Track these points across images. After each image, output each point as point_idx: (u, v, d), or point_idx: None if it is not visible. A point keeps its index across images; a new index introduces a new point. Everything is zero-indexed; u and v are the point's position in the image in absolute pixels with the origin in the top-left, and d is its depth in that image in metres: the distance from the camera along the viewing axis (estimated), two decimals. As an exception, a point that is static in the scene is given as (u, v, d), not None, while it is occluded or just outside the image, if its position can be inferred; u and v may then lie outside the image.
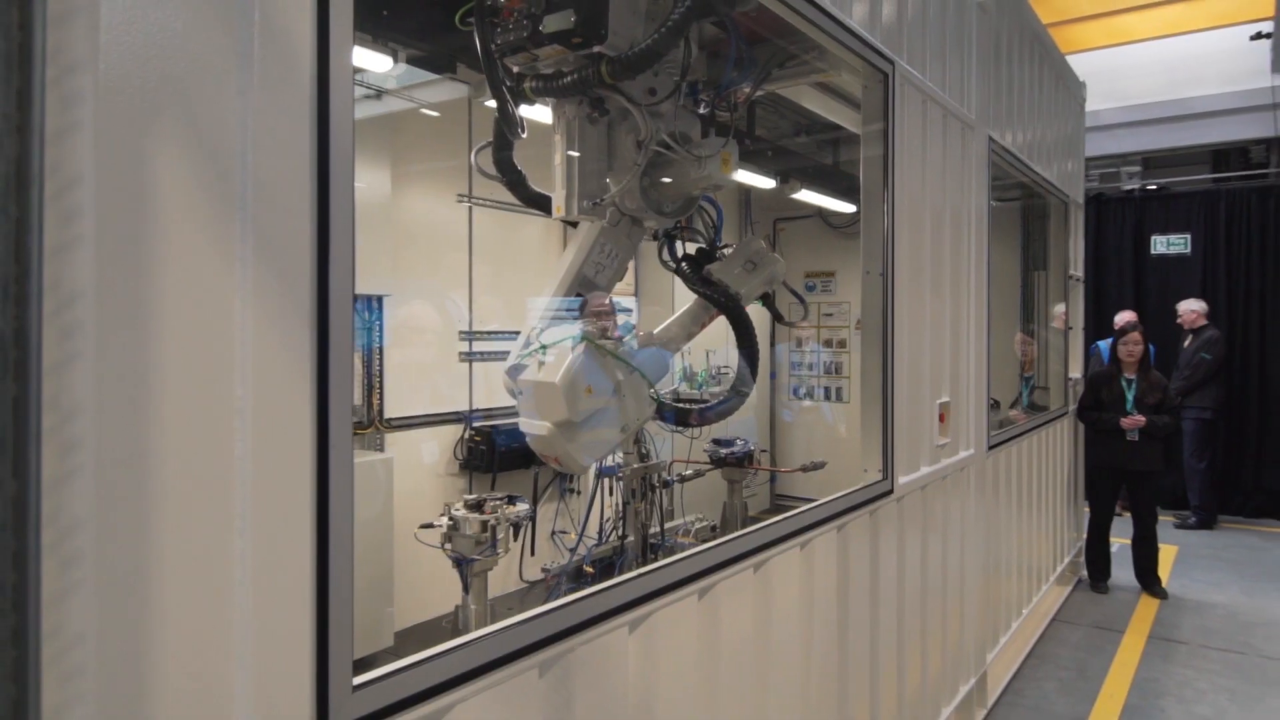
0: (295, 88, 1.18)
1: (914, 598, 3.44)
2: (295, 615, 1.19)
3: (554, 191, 2.16)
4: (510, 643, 1.55)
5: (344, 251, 1.24)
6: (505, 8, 1.86)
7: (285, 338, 1.17)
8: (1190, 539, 7.53)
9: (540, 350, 2.03)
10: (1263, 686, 4.45)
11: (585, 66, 1.91)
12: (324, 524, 1.21)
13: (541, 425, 1.97)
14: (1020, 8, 4.92)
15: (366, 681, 1.28)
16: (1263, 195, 8.48)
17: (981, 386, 4.18)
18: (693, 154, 2.17)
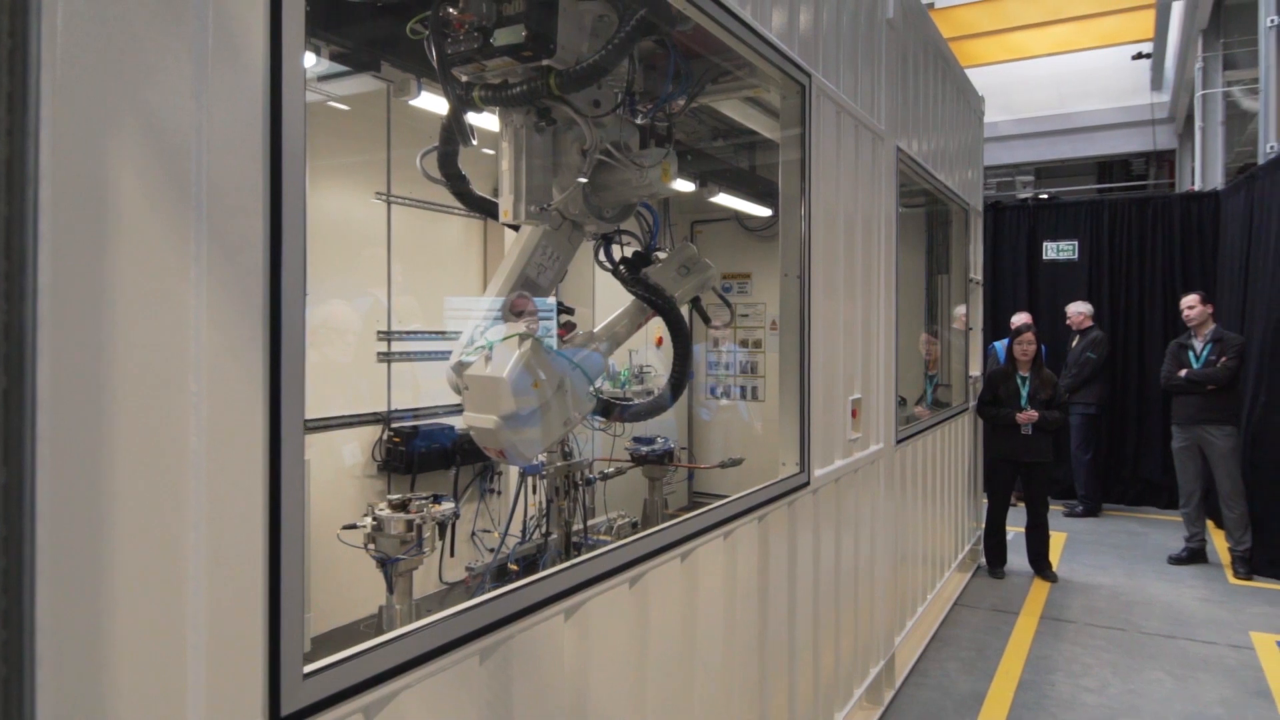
0: (248, 90, 1.21)
1: (828, 585, 3.61)
2: (248, 605, 1.21)
3: (500, 196, 2.21)
4: (452, 631, 1.60)
5: (296, 250, 1.27)
6: (456, 20, 1.91)
7: (239, 334, 1.20)
8: (1078, 526, 8.04)
9: (486, 347, 2.08)
10: (1141, 659, 4.82)
11: (534, 78, 1.97)
12: (276, 516, 1.24)
13: (488, 419, 2.02)
14: (925, 24, 5.19)
15: (317, 669, 1.32)
16: (1141, 205, 9.10)
17: (890, 384, 4.40)
18: (636, 163, 2.26)
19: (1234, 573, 6.45)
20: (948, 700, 4.33)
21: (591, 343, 2.40)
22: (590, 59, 1.91)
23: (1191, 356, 6.66)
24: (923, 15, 5.14)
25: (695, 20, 2.31)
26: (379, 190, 5.19)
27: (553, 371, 2.07)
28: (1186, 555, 6.78)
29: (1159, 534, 7.63)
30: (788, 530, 3.19)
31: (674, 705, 2.43)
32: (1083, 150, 15.97)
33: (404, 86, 4.02)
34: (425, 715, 1.56)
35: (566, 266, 2.39)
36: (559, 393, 2.09)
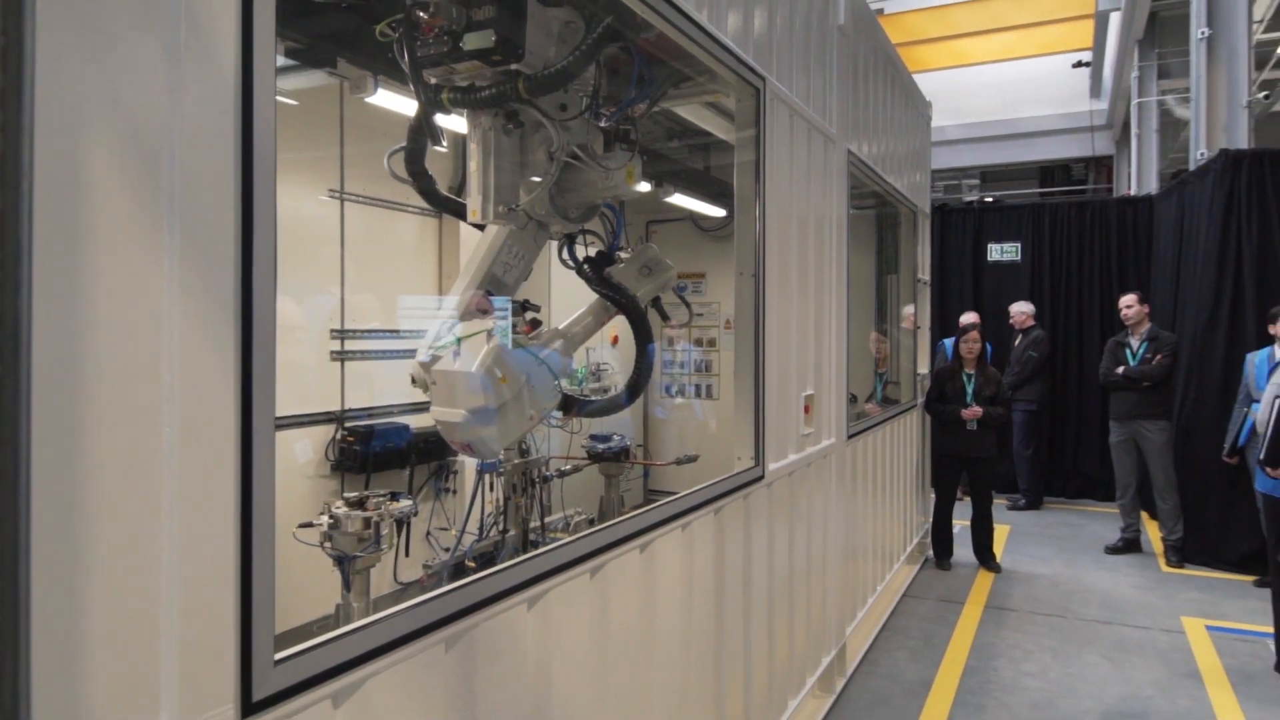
0: (220, 86, 1.23)
1: (782, 576, 3.70)
2: (220, 592, 1.24)
3: (468, 196, 2.24)
4: (419, 619, 1.64)
5: (267, 243, 1.29)
6: (426, 24, 1.94)
7: (211, 326, 1.22)
8: (1020, 519, 8.30)
9: (455, 342, 2.11)
10: (1079, 644, 5.02)
11: (502, 82, 2.01)
12: (247, 505, 1.27)
13: (456, 413, 2.06)
14: (875, 31, 5.32)
15: (287, 656, 1.34)
16: (1080, 209, 9.42)
17: (841, 381, 4.51)
18: (602, 165, 2.31)
19: (1166, 561, 6.72)
20: (897, 687, 4.45)
21: (556, 340, 2.44)
22: (558, 65, 1.96)
23: (1129, 354, 6.92)
24: (872, 22, 5.28)
25: (655, 25, 2.37)
26: (332, 188, 5.15)
27: (519, 367, 2.11)
28: (1122, 545, 7.05)
29: (1097, 525, 7.91)
30: (743, 523, 3.26)
31: (634, 693, 2.48)
32: (1026, 155, 16.44)
33: (360, 83, 4.01)
34: (392, 702, 1.59)
35: (532, 265, 2.44)
36: (525, 388, 2.14)
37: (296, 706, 1.36)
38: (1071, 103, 16.00)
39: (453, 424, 2.08)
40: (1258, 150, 6.76)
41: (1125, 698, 4.30)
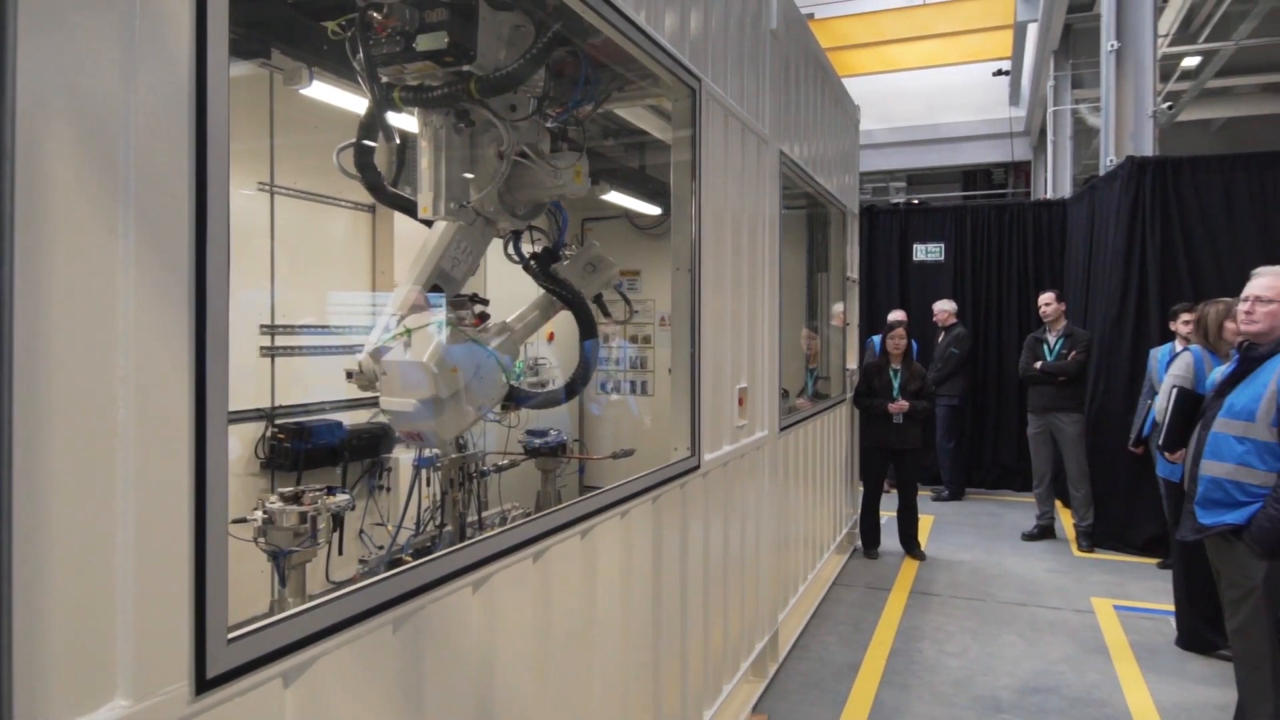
0: (174, 75, 1.25)
1: (717, 564, 3.80)
2: (174, 571, 1.26)
3: (419, 193, 2.28)
4: (367, 600, 1.67)
5: (220, 229, 1.32)
6: (379, 24, 1.97)
7: (165, 310, 1.24)
8: (944, 509, 8.62)
9: (405, 334, 2.14)
10: (997, 626, 5.27)
11: (454, 82, 2.05)
12: (201, 485, 1.29)
13: (407, 402, 2.09)
14: (806, 35, 5.48)
15: (240, 635, 1.37)
16: (1000, 211, 9.82)
17: (774, 375, 4.65)
18: (551, 164, 2.38)
19: (1078, 546, 7.09)
20: (826, 670, 4.61)
21: (504, 333, 2.49)
22: (509, 67, 2.02)
23: (1046, 349, 7.26)
24: (803, 26, 5.43)
25: (596, 26, 2.44)
26: (262, 180, 5.06)
27: (469, 359, 2.15)
28: (1038, 532, 7.40)
29: (1014, 514, 8.27)
30: (680, 511, 3.36)
31: (575, 676, 2.55)
32: (949, 159, 17.01)
33: (295, 75, 3.97)
34: (341, 682, 1.62)
35: (479, 260, 2.48)
36: (475, 379, 2.18)
37: (248, 684, 1.39)
38: (992, 109, 16.62)
39: (403, 413, 2.11)
40: (1161, 158, 7.17)
41: (1039, 673, 4.55)
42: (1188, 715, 4.05)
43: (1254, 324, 3.22)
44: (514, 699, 2.23)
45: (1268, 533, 3.01)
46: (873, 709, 4.15)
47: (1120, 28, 8.32)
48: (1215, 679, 4.39)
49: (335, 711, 1.61)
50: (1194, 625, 4.81)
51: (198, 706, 1.29)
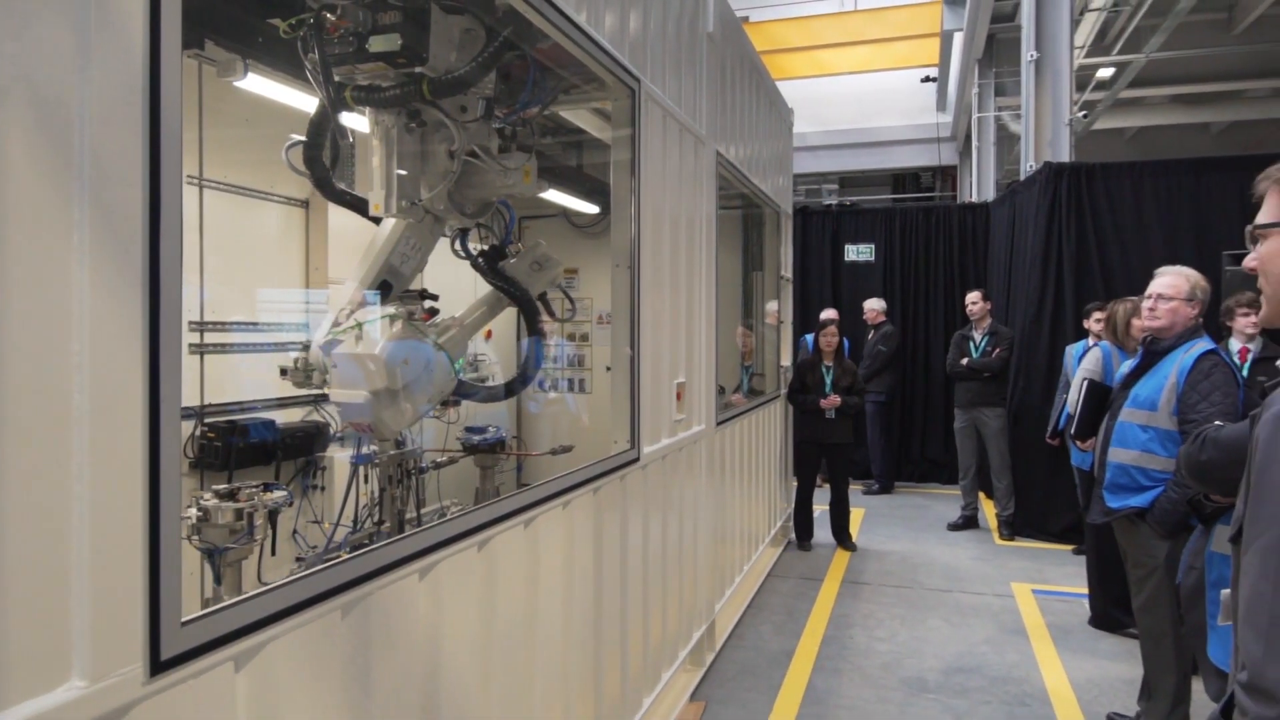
0: (128, 64, 1.27)
1: (656, 555, 3.89)
2: (129, 554, 1.28)
3: (370, 191, 2.30)
4: (316, 586, 1.70)
5: (174, 217, 1.34)
6: (331, 25, 1.99)
7: (120, 298, 1.26)
8: (874, 502, 8.89)
9: (356, 327, 2.17)
10: (924, 611, 5.49)
11: (406, 83, 2.09)
12: (155, 468, 1.31)
13: (359, 394, 2.12)
14: (742, 39, 5.61)
15: (194, 618, 1.39)
16: (927, 213, 10.16)
17: (711, 370, 4.76)
18: (502, 164, 2.43)
19: (1000, 535, 7.40)
20: (761, 658, 4.75)
21: (453, 328, 2.53)
22: (462, 70, 2.06)
23: (972, 347, 7.56)
24: (739, 30, 5.56)
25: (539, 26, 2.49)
26: (190, 174, 4.96)
27: (420, 352, 2.19)
28: (962, 522, 7.70)
29: (941, 506, 8.57)
30: (620, 503, 3.43)
31: (518, 662, 2.60)
32: (880, 162, 17.47)
33: (229, 67, 3.91)
34: (290, 666, 1.65)
35: (428, 257, 2.52)
36: (425, 372, 2.22)
37: (201, 667, 1.41)
38: (920, 115, 17.14)
39: (353, 405, 2.14)
40: (1076, 164, 7.53)
41: (963, 654, 4.76)
42: (1098, 690, 4.30)
43: (1156, 320, 3.44)
44: (459, 684, 2.27)
45: (1168, 514, 3.23)
46: (806, 693, 4.29)
47: (1039, 39, 8.69)
48: (1124, 655, 4.66)
49: (285, 695, 1.63)
50: (1105, 606, 5.09)
51: (152, 688, 1.31)
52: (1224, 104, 15.06)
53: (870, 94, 17.26)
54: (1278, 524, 1.14)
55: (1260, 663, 1.12)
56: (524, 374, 2.99)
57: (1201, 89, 14.04)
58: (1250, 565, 1.18)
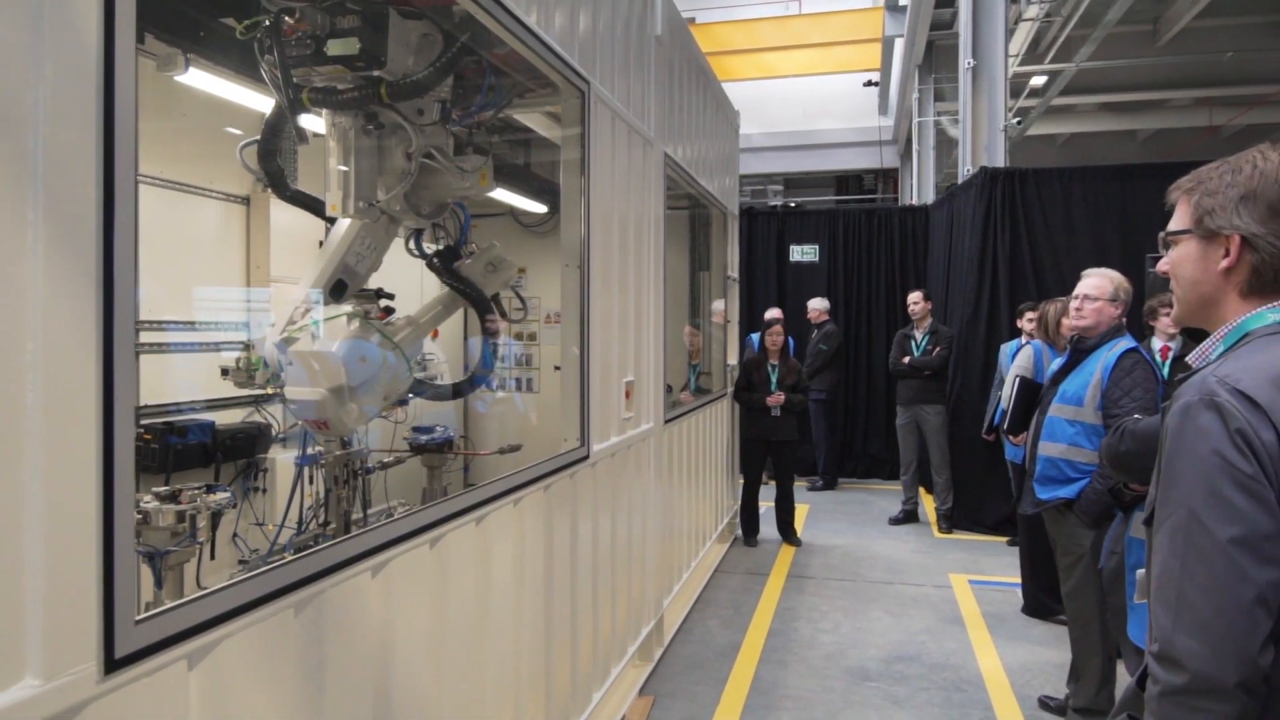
0: (83, 63, 1.28)
1: (606, 551, 3.94)
2: (83, 552, 1.28)
3: (327, 191, 2.30)
4: (269, 584, 1.71)
5: (128, 217, 1.35)
6: (289, 28, 1.99)
7: (74, 297, 1.27)
8: (818, 498, 9.06)
9: (313, 325, 2.17)
10: (866, 603, 5.64)
11: (363, 86, 2.10)
12: (109, 468, 1.32)
13: (315, 391, 2.12)
14: (689, 42, 5.68)
15: (148, 616, 1.40)
16: (869, 215, 10.39)
17: (659, 369, 4.82)
18: (459, 167, 2.45)
19: (939, 528, 7.62)
20: (709, 652, 4.83)
21: (409, 327, 2.54)
22: (420, 74, 2.08)
23: (913, 345, 7.76)
24: (686, 33, 5.64)
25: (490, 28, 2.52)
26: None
27: (378, 350, 2.20)
28: (903, 516, 7.91)
29: (883, 501, 8.78)
30: (570, 499, 3.47)
31: (470, 658, 2.62)
32: (823, 164, 17.78)
33: (170, 61, 3.84)
34: (243, 664, 1.66)
35: (383, 256, 2.52)
36: (383, 370, 2.23)
37: (154, 665, 1.42)
38: (863, 118, 17.49)
39: (311, 402, 2.14)
40: (1011, 169, 7.80)
41: (903, 643, 4.91)
42: (1030, 674, 4.49)
43: (1083, 319, 3.61)
44: (412, 681, 2.29)
45: (1094, 504, 3.40)
46: (752, 685, 4.39)
47: (976, 47, 8.96)
48: (1054, 641, 4.86)
49: (238, 693, 1.64)
50: (1036, 594, 5.30)
51: (106, 686, 1.31)
52: (1149, 112, 15.71)
53: (814, 97, 17.55)
54: (1184, 506, 1.24)
55: (1169, 634, 1.22)
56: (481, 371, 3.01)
57: (1128, 98, 14.62)
58: (1160, 545, 1.28)
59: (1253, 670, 1.16)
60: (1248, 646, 1.16)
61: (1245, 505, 1.18)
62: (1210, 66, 13.11)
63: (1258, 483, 1.18)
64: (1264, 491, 1.18)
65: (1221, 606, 1.18)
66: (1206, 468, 1.22)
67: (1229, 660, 1.16)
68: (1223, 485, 1.20)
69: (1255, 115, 14.95)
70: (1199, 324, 1.47)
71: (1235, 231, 1.35)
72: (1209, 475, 1.21)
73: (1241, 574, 1.17)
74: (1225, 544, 1.19)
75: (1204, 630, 1.19)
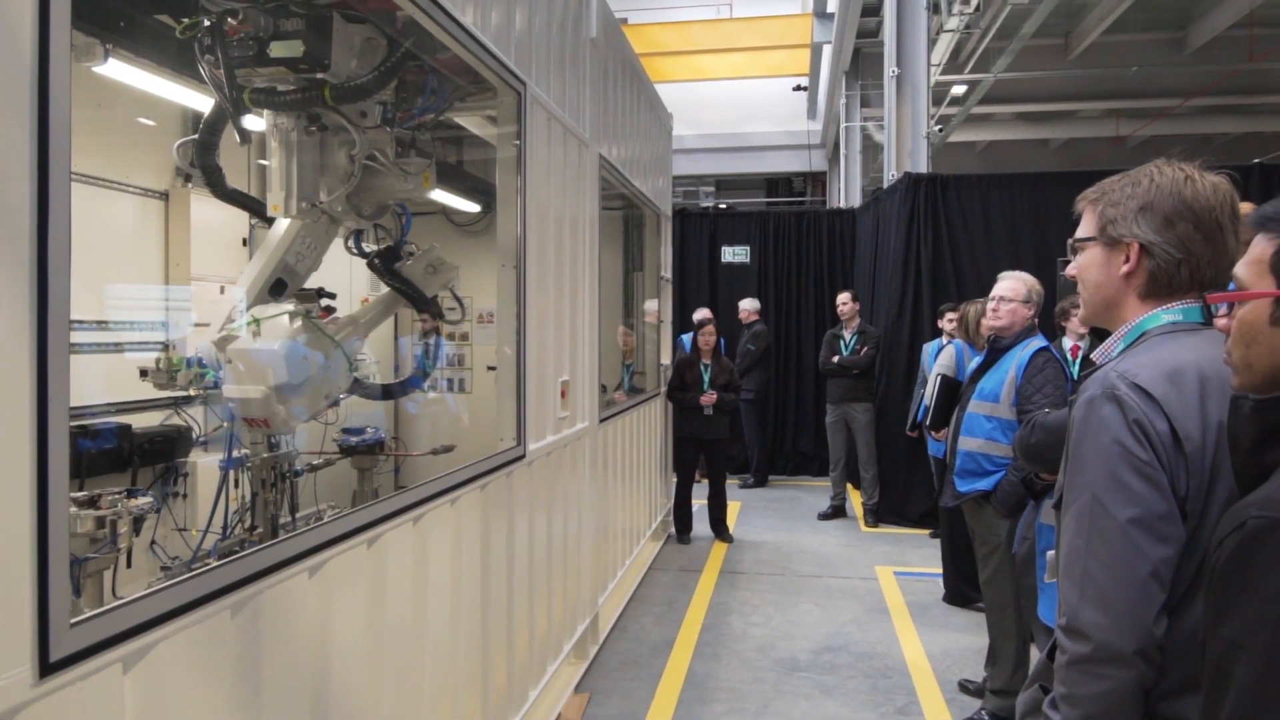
0: (17, 58, 1.26)
1: (541, 550, 3.96)
2: (16, 554, 1.26)
3: (269, 191, 2.27)
4: (205, 586, 1.70)
5: (62, 214, 1.33)
6: (232, 28, 1.97)
7: (6, 296, 1.24)
8: (750, 495, 9.22)
9: (254, 323, 2.14)
10: (796, 596, 5.78)
11: (307, 88, 2.08)
12: (43, 473, 1.30)
13: (257, 389, 2.09)
14: (623, 44, 5.74)
15: (83, 619, 1.38)
16: (799, 218, 10.62)
17: (594, 369, 4.86)
18: (403, 169, 2.44)
19: (865, 522, 7.85)
20: (644, 648, 4.89)
21: (349, 326, 2.53)
22: (365, 77, 2.08)
23: (842, 345, 7.97)
24: (621, 35, 5.69)
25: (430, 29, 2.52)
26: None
27: (320, 348, 2.19)
28: (831, 512, 8.11)
29: (811, 497, 8.99)
30: (507, 499, 3.48)
31: (407, 658, 2.62)
32: (754, 166, 18.06)
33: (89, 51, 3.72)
34: (180, 667, 1.64)
35: (322, 256, 2.51)
36: (325, 368, 2.22)
37: (89, 669, 1.40)
38: (792, 122, 17.82)
39: (252, 400, 2.12)
40: (933, 175, 8.07)
41: (831, 634, 5.06)
42: (951, 659, 4.68)
43: (998, 320, 3.79)
44: (349, 682, 2.28)
45: (1009, 495, 3.57)
46: (686, 679, 4.46)
47: (900, 56, 9.23)
48: (973, 628, 5.08)
49: (174, 696, 1.63)
50: (956, 583, 5.52)
51: (41, 690, 1.30)
52: (1061, 122, 16.44)
53: (745, 100, 17.81)
54: (1088, 491, 1.35)
55: (1075, 607, 1.33)
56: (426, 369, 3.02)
57: (1041, 108, 15.28)
58: (1068, 526, 1.39)
59: (1149, 639, 1.27)
60: (1144, 617, 1.27)
61: (1142, 489, 1.29)
62: (1117, 80, 13.79)
63: (1153, 468, 1.29)
64: (1158, 476, 1.29)
65: (1121, 581, 1.29)
66: (1108, 455, 1.32)
67: (1128, 630, 1.27)
68: (1122, 471, 1.31)
69: (1159, 127, 15.80)
70: (1103, 324, 1.58)
71: (1134, 239, 1.47)
72: (1110, 462, 1.32)
73: (1139, 551, 1.28)
74: (1124, 524, 1.29)
75: (1106, 603, 1.29)
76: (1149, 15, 12.16)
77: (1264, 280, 1.09)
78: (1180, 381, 1.34)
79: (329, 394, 2.31)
